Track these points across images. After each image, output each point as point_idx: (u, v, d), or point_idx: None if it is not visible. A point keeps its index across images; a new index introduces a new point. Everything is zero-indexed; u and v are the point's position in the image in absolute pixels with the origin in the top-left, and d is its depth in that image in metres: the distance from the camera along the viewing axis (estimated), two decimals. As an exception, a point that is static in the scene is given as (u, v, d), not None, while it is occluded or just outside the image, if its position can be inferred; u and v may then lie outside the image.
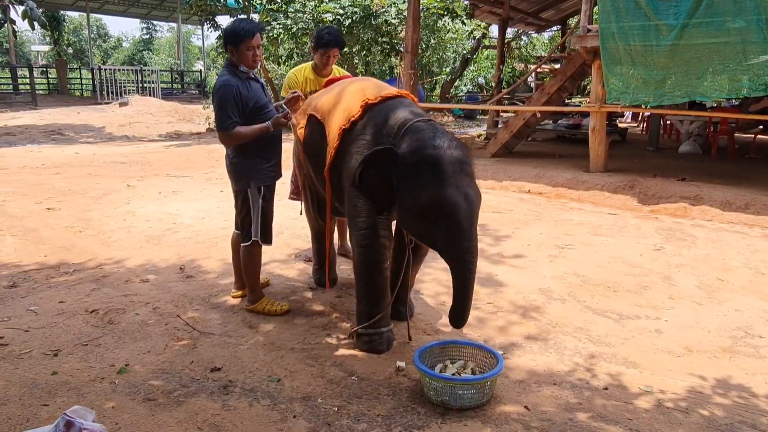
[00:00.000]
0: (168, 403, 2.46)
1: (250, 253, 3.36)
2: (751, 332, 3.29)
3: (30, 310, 3.38)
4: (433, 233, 2.61)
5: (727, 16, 5.87)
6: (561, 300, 3.71)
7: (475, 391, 2.46)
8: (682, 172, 7.38)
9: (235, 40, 3.13)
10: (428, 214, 2.56)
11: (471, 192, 2.58)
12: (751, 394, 2.64)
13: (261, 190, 3.28)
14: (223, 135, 3.16)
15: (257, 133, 3.18)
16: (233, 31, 3.14)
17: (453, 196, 2.51)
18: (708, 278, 4.13)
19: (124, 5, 26.89)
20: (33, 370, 2.69)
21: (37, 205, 5.88)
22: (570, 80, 8.42)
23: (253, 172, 3.27)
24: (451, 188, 2.51)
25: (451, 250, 2.57)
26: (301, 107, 3.46)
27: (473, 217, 2.57)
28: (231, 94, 3.09)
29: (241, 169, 3.29)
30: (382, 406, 2.49)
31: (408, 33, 9.14)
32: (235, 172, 3.33)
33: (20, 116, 14.75)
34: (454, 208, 2.50)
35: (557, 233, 5.21)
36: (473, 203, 2.58)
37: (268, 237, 3.37)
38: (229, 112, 3.08)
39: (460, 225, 2.52)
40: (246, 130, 3.15)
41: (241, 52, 3.13)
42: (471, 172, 2.65)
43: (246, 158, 3.26)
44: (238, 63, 3.18)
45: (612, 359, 2.95)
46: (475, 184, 2.65)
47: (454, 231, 2.53)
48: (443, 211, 2.51)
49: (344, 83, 3.34)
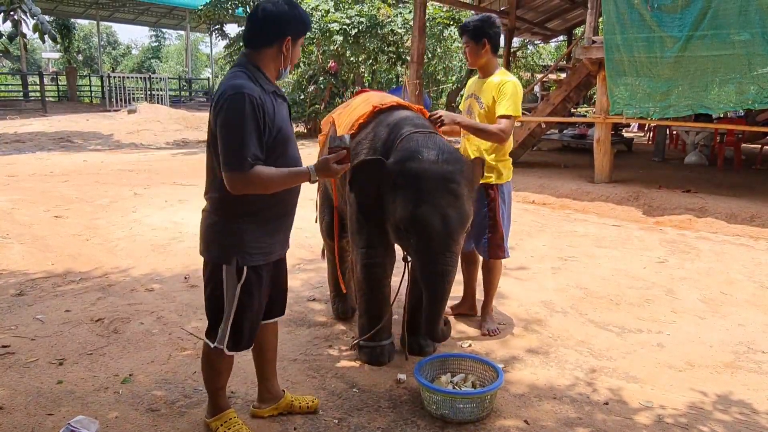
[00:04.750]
0: (171, 414, 2.49)
1: (209, 358, 2.25)
2: (753, 347, 3.28)
3: (37, 318, 3.42)
4: (409, 251, 2.50)
5: (731, 29, 5.89)
6: (563, 313, 3.72)
7: (475, 405, 2.47)
8: (687, 183, 7.38)
9: (303, 28, 2.15)
10: (403, 231, 2.44)
11: (452, 212, 2.38)
12: (753, 410, 2.64)
13: (243, 273, 2.08)
14: (236, 177, 1.95)
15: (289, 181, 2.08)
16: (302, 16, 2.12)
17: (427, 216, 2.35)
18: (711, 292, 4.12)
19: (133, 13, 27.23)
20: (38, 379, 2.73)
21: (45, 212, 5.95)
22: (575, 91, 8.45)
23: (236, 240, 2.07)
24: (427, 206, 2.33)
25: (422, 272, 2.45)
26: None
27: (450, 240, 2.38)
28: (251, 109, 1.94)
29: (218, 232, 2.10)
30: (382, 419, 2.50)
31: (414, 43, 9.21)
32: (207, 234, 2.13)
33: (30, 123, 14.91)
34: (426, 229, 2.36)
35: (561, 245, 5.21)
36: (451, 225, 2.37)
37: (241, 344, 2.19)
38: (247, 139, 1.93)
39: (432, 248, 2.37)
40: (273, 174, 2.01)
41: (297, 46, 2.16)
42: (456, 190, 2.42)
43: (230, 217, 2.07)
44: (283, 65, 2.13)
45: (613, 374, 2.96)
46: (461, 203, 2.43)
47: (424, 254, 2.40)
48: (415, 230, 2.39)
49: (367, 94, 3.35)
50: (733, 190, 7.00)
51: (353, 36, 12.41)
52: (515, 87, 3.15)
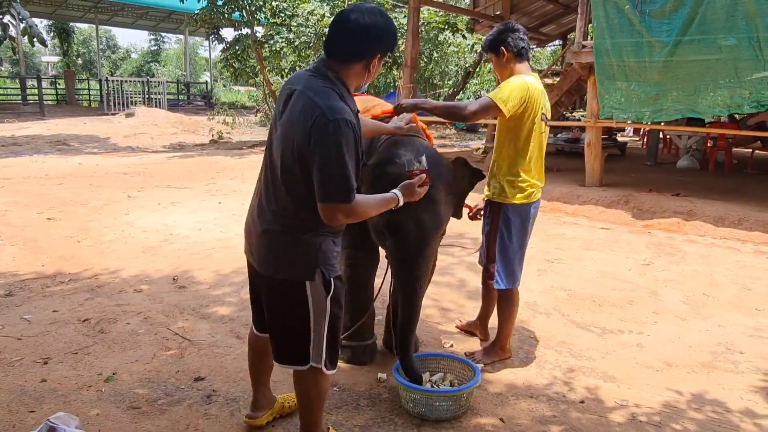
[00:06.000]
0: (151, 412, 2.53)
1: (315, 381, 2.10)
2: (732, 348, 3.32)
3: (24, 318, 3.46)
4: (387, 252, 2.56)
5: (718, 34, 5.95)
6: (546, 314, 3.76)
7: (451, 403, 2.51)
8: (678, 187, 7.43)
9: (393, 44, 2.03)
10: (380, 234, 2.50)
11: (427, 217, 2.40)
12: (726, 409, 2.68)
13: (332, 284, 2.01)
14: (341, 209, 1.87)
15: (382, 208, 2.09)
16: (394, 31, 2.01)
17: (402, 220, 2.37)
18: (694, 293, 4.17)
19: (132, 17, 27.37)
20: (23, 378, 2.77)
21: (39, 215, 5.99)
22: (566, 95, 8.51)
23: (319, 254, 1.98)
24: (400, 211, 2.27)
25: (396, 276, 2.51)
26: None
27: (423, 245, 2.43)
28: (353, 139, 1.86)
29: (299, 250, 1.98)
30: (360, 417, 2.54)
31: (407, 47, 9.28)
32: (285, 254, 1.99)
33: (28, 126, 14.98)
34: (401, 233, 2.40)
35: (548, 247, 5.26)
36: (425, 230, 2.41)
37: (336, 359, 2.13)
38: (351, 170, 1.85)
39: (404, 253, 2.42)
40: (370, 203, 2.03)
41: (381, 61, 2.05)
42: (433, 195, 2.38)
43: (310, 234, 1.97)
44: (360, 80, 2.01)
45: (591, 373, 3.00)
46: (436, 208, 2.44)
47: (398, 259, 2.46)
48: (391, 234, 2.44)
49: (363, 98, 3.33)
50: (723, 194, 7.05)
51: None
52: (515, 81, 2.77)
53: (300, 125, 1.85)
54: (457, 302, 3.92)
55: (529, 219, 2.95)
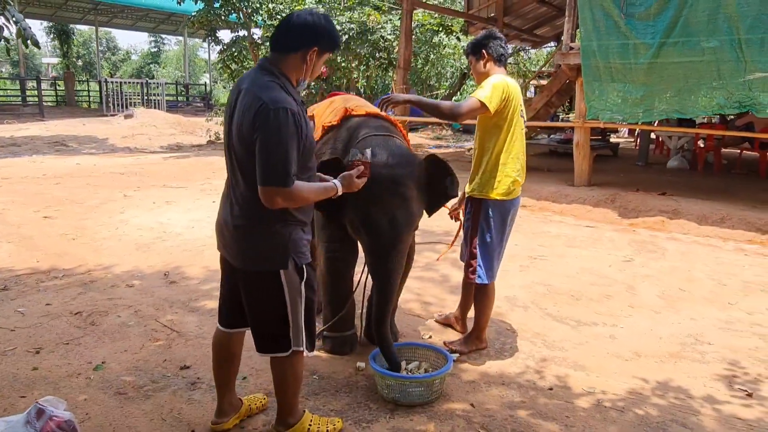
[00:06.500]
0: (137, 397, 2.65)
1: (291, 366, 2.25)
2: (701, 339, 3.44)
3: (18, 311, 3.58)
4: (363, 247, 2.71)
5: (701, 36, 6.07)
6: (524, 307, 3.88)
7: (424, 389, 2.63)
8: (666, 187, 7.54)
9: (331, 45, 2.17)
10: (355, 230, 2.66)
11: (399, 214, 2.55)
12: (688, 395, 2.80)
13: (304, 271, 2.16)
14: (278, 193, 1.98)
15: (321, 195, 2.20)
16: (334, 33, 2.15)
17: (375, 217, 2.52)
18: (670, 288, 4.29)
19: (132, 19, 27.50)
20: (15, 366, 2.89)
21: (35, 213, 6.11)
22: (556, 96, 8.64)
23: (290, 243, 2.12)
24: (374, 209, 2.48)
25: (372, 271, 2.67)
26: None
27: (397, 240, 2.58)
28: (294, 126, 1.98)
29: (270, 241, 2.10)
30: (337, 402, 2.66)
31: (401, 49, 9.41)
32: (257, 246, 2.11)
33: (27, 127, 15.11)
34: (375, 230, 2.55)
35: (533, 245, 5.37)
36: (399, 227, 2.56)
37: (313, 341, 2.30)
38: (290, 156, 1.97)
39: (380, 248, 2.57)
40: (309, 189, 2.12)
41: (320, 61, 2.17)
42: (404, 193, 2.56)
43: (279, 224, 2.09)
44: (303, 75, 2.13)
45: (562, 362, 3.11)
46: (408, 204, 2.58)
47: (373, 254, 2.61)
48: (365, 230, 2.59)
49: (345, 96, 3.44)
50: (710, 194, 7.16)
51: (344, 42, 12.61)
52: (494, 80, 2.86)
53: (248, 118, 1.99)
54: (438, 296, 4.04)
55: (508, 215, 3.06)
